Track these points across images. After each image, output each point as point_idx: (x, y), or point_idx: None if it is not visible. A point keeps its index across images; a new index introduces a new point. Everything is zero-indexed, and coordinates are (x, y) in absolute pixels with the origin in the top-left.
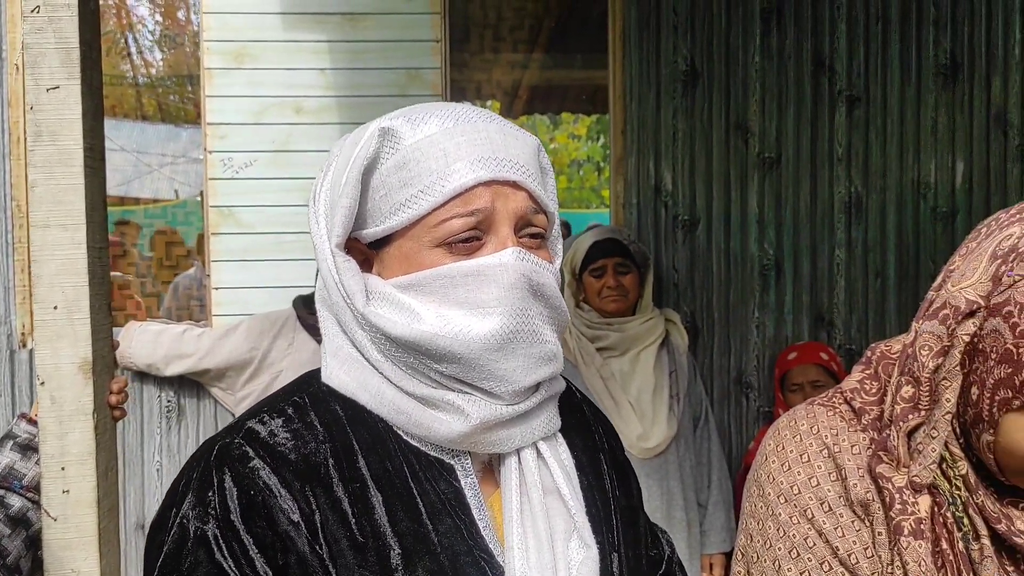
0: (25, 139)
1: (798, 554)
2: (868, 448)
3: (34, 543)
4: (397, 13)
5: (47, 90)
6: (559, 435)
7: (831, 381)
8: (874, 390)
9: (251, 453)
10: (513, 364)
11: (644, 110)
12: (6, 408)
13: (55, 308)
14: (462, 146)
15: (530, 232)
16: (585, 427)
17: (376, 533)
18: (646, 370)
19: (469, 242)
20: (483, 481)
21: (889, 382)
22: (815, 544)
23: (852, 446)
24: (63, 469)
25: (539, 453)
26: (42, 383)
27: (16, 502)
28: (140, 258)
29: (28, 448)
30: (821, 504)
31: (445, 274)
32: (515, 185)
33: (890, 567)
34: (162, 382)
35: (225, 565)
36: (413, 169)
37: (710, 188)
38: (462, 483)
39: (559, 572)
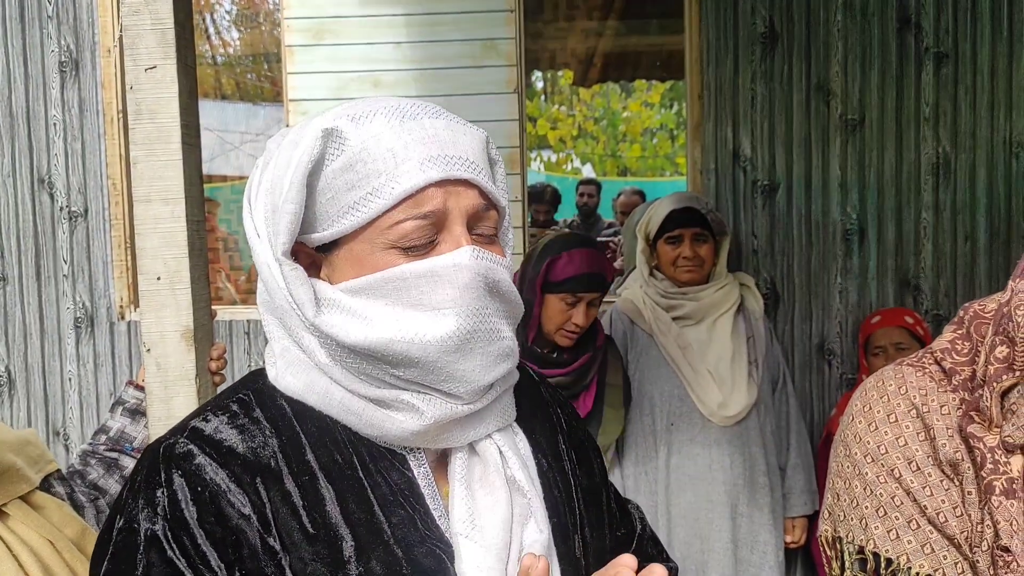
0: (120, 119)
1: (885, 512)
2: (958, 408)
3: None
4: None
5: (145, 70)
6: (515, 423)
7: (915, 345)
8: (966, 350)
9: (195, 451)
10: (472, 364)
11: (722, 74)
12: (108, 376)
13: (158, 279)
14: (410, 145)
15: (482, 229)
16: (543, 410)
17: (328, 524)
18: (723, 338)
19: (422, 243)
20: (438, 470)
21: (982, 342)
22: (903, 503)
23: (941, 406)
24: None
25: (495, 443)
26: (148, 350)
27: (129, 463)
28: (227, 233)
29: (137, 412)
30: (909, 463)
31: (398, 276)
32: (466, 183)
33: (980, 526)
34: (256, 335)
35: (177, 563)
36: (360, 171)
37: (790, 152)
38: (415, 473)
39: (512, 557)
